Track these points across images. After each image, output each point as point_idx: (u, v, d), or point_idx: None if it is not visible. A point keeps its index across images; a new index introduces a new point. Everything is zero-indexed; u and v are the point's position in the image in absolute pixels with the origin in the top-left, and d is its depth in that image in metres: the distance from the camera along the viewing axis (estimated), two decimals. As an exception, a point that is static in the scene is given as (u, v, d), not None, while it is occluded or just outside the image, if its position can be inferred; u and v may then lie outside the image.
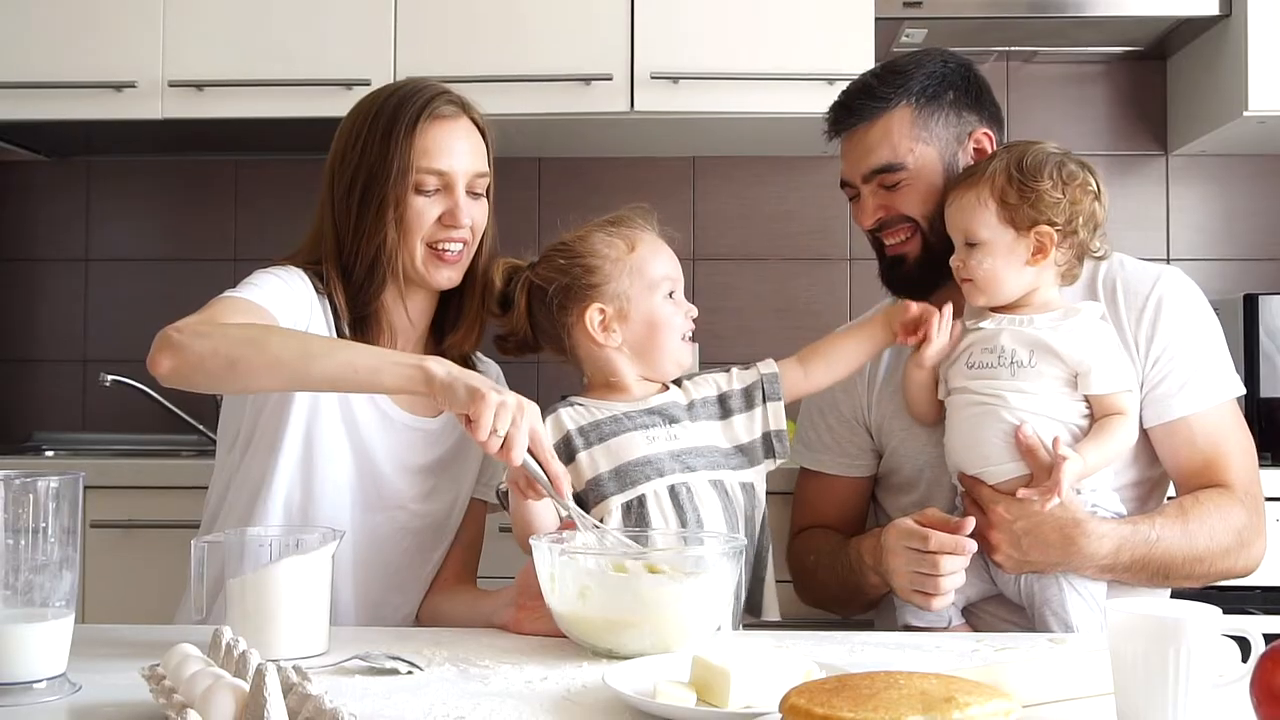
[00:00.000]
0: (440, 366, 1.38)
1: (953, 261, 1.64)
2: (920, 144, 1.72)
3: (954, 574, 1.51)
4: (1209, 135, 2.67)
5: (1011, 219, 1.58)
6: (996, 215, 1.59)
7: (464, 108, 1.66)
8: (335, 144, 1.67)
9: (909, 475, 1.76)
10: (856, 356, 1.69)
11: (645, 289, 1.59)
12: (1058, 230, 1.58)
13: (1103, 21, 2.60)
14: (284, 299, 1.55)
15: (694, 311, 1.63)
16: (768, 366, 1.65)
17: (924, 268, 1.73)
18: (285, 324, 1.53)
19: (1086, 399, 1.58)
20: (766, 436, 1.63)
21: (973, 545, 1.51)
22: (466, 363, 1.70)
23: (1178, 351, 1.64)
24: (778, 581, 1.60)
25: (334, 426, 1.60)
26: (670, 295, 1.61)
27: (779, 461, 1.64)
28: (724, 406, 1.63)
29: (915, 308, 1.64)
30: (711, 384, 1.65)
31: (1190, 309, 1.68)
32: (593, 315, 1.59)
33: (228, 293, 1.53)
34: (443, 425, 1.68)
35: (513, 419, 1.34)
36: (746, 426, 1.62)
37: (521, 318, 1.64)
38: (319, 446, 1.59)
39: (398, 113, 1.61)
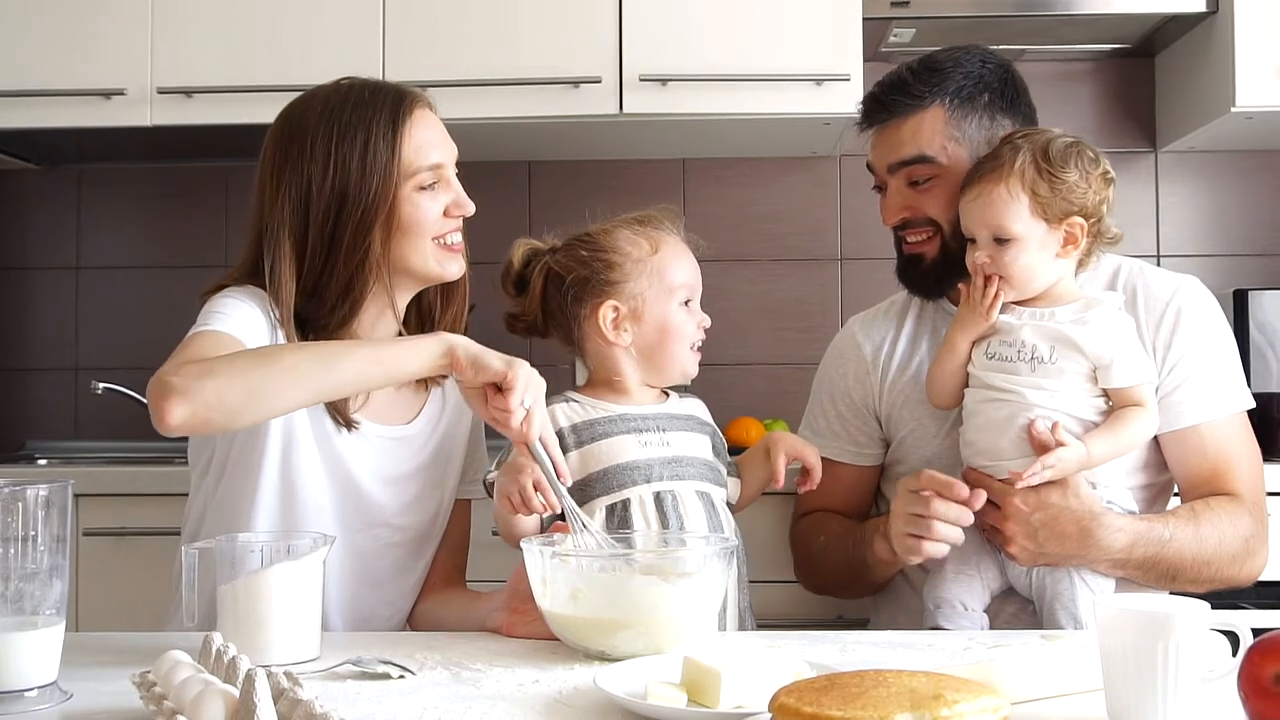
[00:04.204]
0: (457, 339, 1.37)
1: (978, 259, 1.59)
2: (953, 144, 1.70)
3: (942, 521, 1.52)
4: (1197, 132, 2.66)
5: (1044, 212, 1.56)
6: (1029, 209, 1.56)
7: (422, 98, 1.61)
8: (279, 164, 1.56)
9: (916, 466, 1.75)
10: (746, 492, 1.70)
11: (663, 293, 1.59)
12: (1089, 219, 1.57)
13: (1090, 19, 2.60)
14: (253, 326, 1.49)
15: (707, 322, 1.63)
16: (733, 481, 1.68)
17: (940, 268, 1.73)
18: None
19: (1105, 394, 1.57)
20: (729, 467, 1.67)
21: (965, 491, 1.52)
22: None
23: (1194, 360, 1.65)
24: (779, 582, 1.60)
25: (309, 449, 1.54)
26: (686, 303, 1.61)
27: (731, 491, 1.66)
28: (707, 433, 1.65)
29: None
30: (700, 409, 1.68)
31: (1208, 320, 1.69)
32: (606, 311, 1.58)
33: (199, 328, 1.46)
34: (419, 431, 1.64)
35: (535, 396, 1.35)
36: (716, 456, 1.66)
37: (535, 302, 1.63)
38: (297, 471, 1.53)
39: (365, 122, 1.53)
